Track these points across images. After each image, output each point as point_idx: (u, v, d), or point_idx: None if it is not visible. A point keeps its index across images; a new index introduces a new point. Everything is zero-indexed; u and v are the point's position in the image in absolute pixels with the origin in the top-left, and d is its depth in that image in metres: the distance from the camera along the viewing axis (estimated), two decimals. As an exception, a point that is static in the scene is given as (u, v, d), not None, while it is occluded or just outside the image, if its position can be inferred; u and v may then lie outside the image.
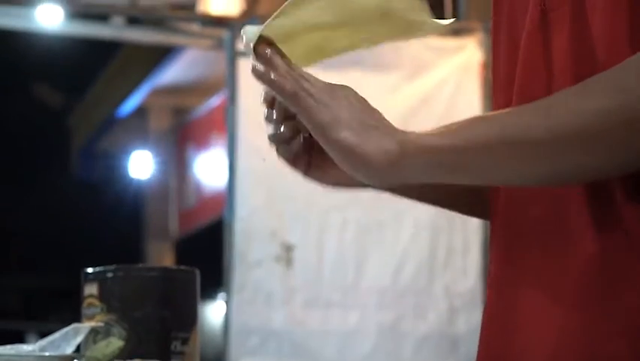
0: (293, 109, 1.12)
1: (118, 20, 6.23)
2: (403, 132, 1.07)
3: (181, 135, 10.26)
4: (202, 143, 9.34)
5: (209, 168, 8.81)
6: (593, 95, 1.00)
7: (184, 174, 9.71)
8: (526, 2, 1.16)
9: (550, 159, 1.01)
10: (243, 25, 4.08)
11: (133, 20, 6.31)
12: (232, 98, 4.91)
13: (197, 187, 9.25)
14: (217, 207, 7.08)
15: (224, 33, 5.24)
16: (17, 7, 5.61)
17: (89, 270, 1.56)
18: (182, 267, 1.61)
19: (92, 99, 11.30)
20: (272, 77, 1.11)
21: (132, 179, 10.39)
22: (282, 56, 1.11)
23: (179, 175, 10.00)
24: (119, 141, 10.89)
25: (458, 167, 1.04)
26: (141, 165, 10.39)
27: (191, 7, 5.44)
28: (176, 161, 10.19)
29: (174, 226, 9.62)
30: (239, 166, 4.83)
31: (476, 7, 5.38)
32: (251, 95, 4.89)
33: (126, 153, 10.54)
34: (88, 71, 10.55)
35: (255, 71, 1.13)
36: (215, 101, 8.74)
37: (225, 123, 5.15)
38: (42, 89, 11.12)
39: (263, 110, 1.22)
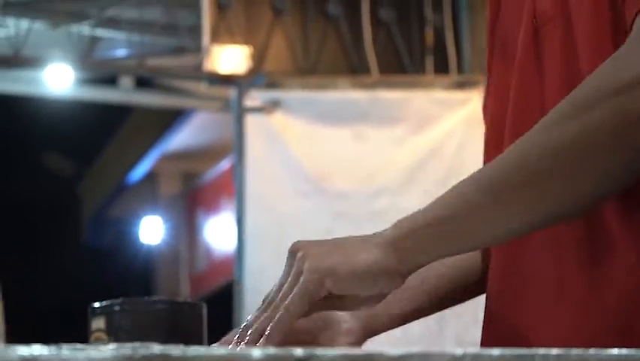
0: None
1: (126, 83, 6.30)
2: (384, 233, 1.04)
3: (191, 200, 10.29)
4: (212, 207, 9.38)
5: (219, 232, 8.83)
6: (558, 125, 0.99)
7: (194, 238, 9.73)
8: (518, 20, 1.19)
9: (529, 200, 1.00)
10: (250, 82, 4.12)
11: (141, 83, 6.38)
12: (239, 154, 4.94)
13: (208, 251, 9.27)
14: (228, 270, 7.08)
15: (232, 92, 5.30)
16: (26, 71, 5.67)
17: (96, 304, 1.57)
18: (190, 300, 1.62)
19: (101, 166, 11.36)
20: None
21: (143, 244, 10.39)
22: None
23: (189, 240, 10.02)
24: (129, 206, 10.92)
25: (457, 233, 1.03)
26: (152, 231, 10.40)
27: (198, 68, 5.50)
28: (186, 226, 10.22)
29: (185, 290, 9.61)
30: (247, 221, 4.85)
31: (480, 60, 5.42)
32: (258, 150, 4.92)
33: (137, 218, 10.56)
34: (97, 137, 10.61)
35: None
36: (224, 165, 8.78)
37: (233, 180, 5.19)
38: (52, 158, 11.18)
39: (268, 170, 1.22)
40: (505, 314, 1.15)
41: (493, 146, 1.24)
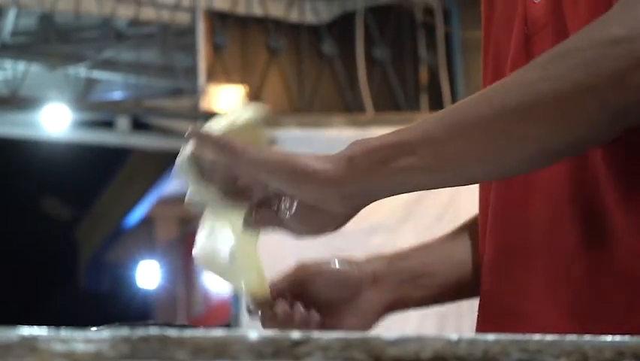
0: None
1: (123, 126, 6.32)
2: (339, 152, 1.02)
3: (188, 244, 10.27)
4: (209, 251, 9.35)
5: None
6: (544, 65, 0.97)
7: (191, 282, 9.71)
8: (510, 28, 1.20)
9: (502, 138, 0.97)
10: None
11: (138, 126, 6.40)
12: (236, 193, 4.95)
13: (205, 295, 9.24)
14: (225, 313, 7.06)
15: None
16: (23, 114, 5.70)
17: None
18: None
19: (98, 211, 11.36)
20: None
21: (140, 289, 10.38)
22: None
23: (186, 284, 10.00)
24: (126, 251, 10.91)
25: (404, 154, 0.98)
26: (149, 275, 10.39)
27: (195, 108, 5.53)
28: (183, 270, 10.19)
29: (183, 335, 9.58)
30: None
31: (474, 91, 5.45)
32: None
33: (134, 263, 10.54)
34: (94, 181, 10.63)
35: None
36: (221, 208, 8.79)
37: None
38: (49, 202, 11.18)
39: None
40: (501, 301, 1.15)
41: None
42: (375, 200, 1.03)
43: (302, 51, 5.75)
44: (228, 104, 5.39)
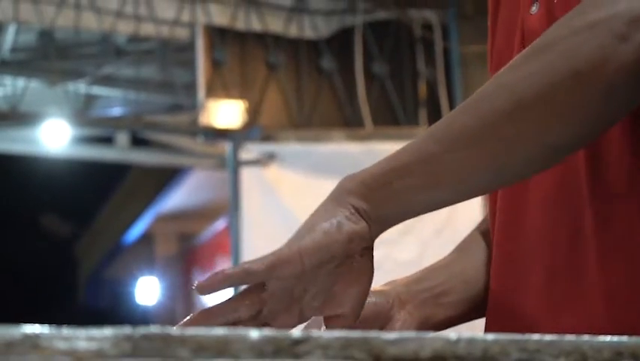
0: None
1: (122, 142, 6.33)
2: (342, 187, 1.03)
3: (187, 260, 10.28)
4: (208, 267, 9.36)
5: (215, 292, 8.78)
6: (517, 67, 0.97)
7: (191, 298, 9.69)
8: (511, 39, 1.21)
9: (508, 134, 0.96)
10: (246, 136, 4.16)
11: (137, 142, 6.41)
12: (235, 206, 4.96)
13: (205, 311, 9.22)
14: (225, 329, 7.05)
15: (227, 147, 5.33)
16: (23, 130, 5.70)
17: None
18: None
19: (98, 227, 11.36)
20: None
21: (139, 305, 10.37)
22: None
23: (185, 300, 9.98)
24: (125, 267, 10.91)
25: (401, 176, 0.99)
26: (148, 291, 10.38)
27: (194, 124, 5.54)
28: (182, 286, 10.18)
29: (182, 351, 9.55)
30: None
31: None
32: (254, 203, 4.93)
33: (133, 279, 10.54)
34: (93, 198, 10.64)
35: None
36: (220, 225, 8.79)
37: (229, 232, 5.20)
38: (49, 219, 11.19)
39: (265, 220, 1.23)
40: (508, 307, 1.16)
41: None
42: (382, 230, 1.03)
43: (301, 66, 5.77)
44: (227, 119, 5.40)
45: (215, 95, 5.53)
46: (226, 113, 5.45)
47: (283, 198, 4.94)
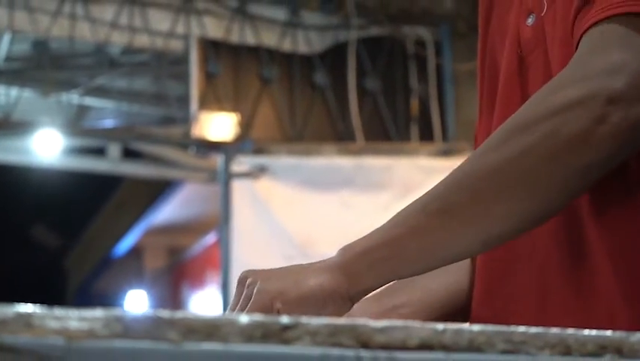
0: None
1: (114, 153, 6.33)
2: (331, 259, 1.07)
3: (176, 274, 10.26)
4: (197, 281, 9.34)
5: (204, 306, 8.78)
6: (495, 148, 1.02)
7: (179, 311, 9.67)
8: (503, 47, 1.22)
9: (475, 216, 1.02)
10: (237, 148, 4.15)
11: (129, 154, 6.41)
12: (226, 219, 4.96)
13: (193, 325, 9.19)
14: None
15: (219, 160, 5.34)
16: (14, 140, 5.70)
17: None
18: None
19: (88, 239, 11.34)
20: None
21: (128, 318, 10.34)
22: None
23: (174, 314, 9.95)
24: (114, 280, 10.89)
25: (396, 257, 1.04)
26: (137, 304, 10.36)
27: (186, 136, 5.55)
28: (171, 299, 10.16)
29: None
30: (233, 286, 4.84)
31: (464, 128, 5.49)
32: (244, 215, 4.94)
33: (122, 292, 10.52)
34: (84, 210, 10.62)
35: None
36: (209, 239, 8.78)
37: (219, 245, 5.20)
38: (39, 230, 11.17)
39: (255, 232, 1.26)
40: (492, 307, 1.17)
41: None
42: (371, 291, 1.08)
43: (294, 80, 5.78)
44: (220, 132, 5.41)
45: (208, 108, 5.54)
46: (218, 125, 5.46)
47: (274, 210, 4.95)
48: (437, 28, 5.88)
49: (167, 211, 9.09)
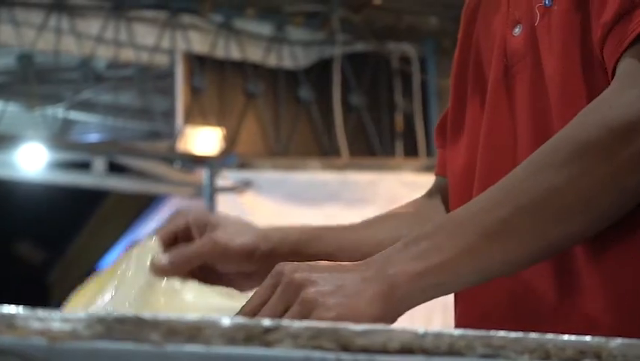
0: None
1: (99, 168, 6.32)
2: (383, 275, 1.00)
3: (161, 290, 10.22)
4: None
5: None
6: (547, 168, 1.01)
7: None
8: (489, 58, 1.23)
9: (526, 243, 1.02)
10: (222, 162, 4.14)
11: (114, 169, 6.40)
12: (211, 233, 4.95)
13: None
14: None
15: (204, 175, 5.34)
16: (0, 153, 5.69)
17: None
18: None
19: (71, 255, 11.30)
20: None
21: (111, 333, 10.29)
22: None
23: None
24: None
25: (447, 281, 1.02)
26: (121, 320, 10.31)
27: (171, 150, 5.55)
28: (155, 315, 10.12)
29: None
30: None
31: (449, 142, 5.50)
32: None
33: (106, 307, 10.45)
34: (68, 225, 10.58)
35: None
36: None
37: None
38: (22, 245, 11.12)
39: None
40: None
41: (462, 191, 1.26)
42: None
43: (279, 96, 5.80)
44: (205, 146, 5.42)
45: (194, 122, 5.54)
46: (204, 140, 5.46)
47: (258, 225, 4.94)
48: (422, 45, 5.91)
49: (152, 226, 9.05)
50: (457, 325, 1.22)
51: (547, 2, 1.14)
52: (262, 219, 5.09)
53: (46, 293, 11.78)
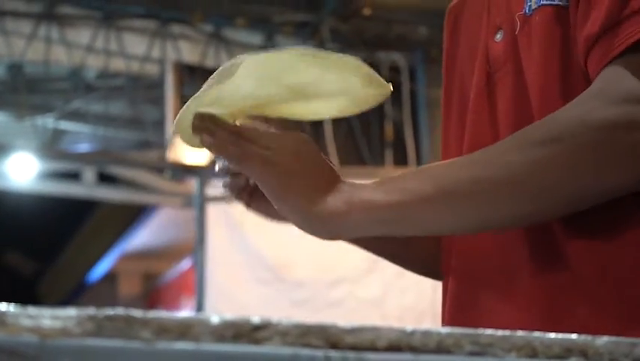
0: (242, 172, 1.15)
1: (89, 178, 6.32)
2: (349, 188, 1.07)
3: (151, 300, 10.21)
4: (172, 307, 9.29)
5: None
6: (522, 147, 1.04)
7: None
8: (472, 66, 1.24)
9: (480, 210, 1.05)
10: (212, 172, 4.13)
11: (104, 179, 6.40)
12: (201, 242, 4.96)
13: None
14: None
15: (194, 184, 5.34)
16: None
17: None
18: None
19: (61, 265, 11.27)
20: (211, 142, 1.10)
21: (101, 344, 10.27)
22: (219, 122, 1.10)
23: (148, 340, 9.89)
24: (89, 306, 10.82)
25: (399, 221, 1.06)
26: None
27: (162, 160, 5.55)
28: (146, 325, 10.09)
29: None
30: (207, 309, 4.84)
31: (438, 153, 5.51)
32: (219, 239, 4.94)
33: (96, 318, 10.43)
34: (57, 235, 10.55)
35: (203, 141, 1.12)
36: (184, 265, 8.75)
37: (194, 268, 5.20)
38: (12, 256, 11.09)
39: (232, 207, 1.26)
40: (463, 321, 1.19)
41: None
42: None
43: (269, 105, 5.80)
44: (195, 156, 5.42)
45: (184, 132, 5.54)
46: (194, 149, 5.47)
47: (249, 234, 4.95)
48: (411, 54, 5.92)
49: (142, 236, 9.06)
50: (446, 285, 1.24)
51: (527, 11, 1.15)
52: (252, 229, 5.10)
53: (36, 304, 11.76)
